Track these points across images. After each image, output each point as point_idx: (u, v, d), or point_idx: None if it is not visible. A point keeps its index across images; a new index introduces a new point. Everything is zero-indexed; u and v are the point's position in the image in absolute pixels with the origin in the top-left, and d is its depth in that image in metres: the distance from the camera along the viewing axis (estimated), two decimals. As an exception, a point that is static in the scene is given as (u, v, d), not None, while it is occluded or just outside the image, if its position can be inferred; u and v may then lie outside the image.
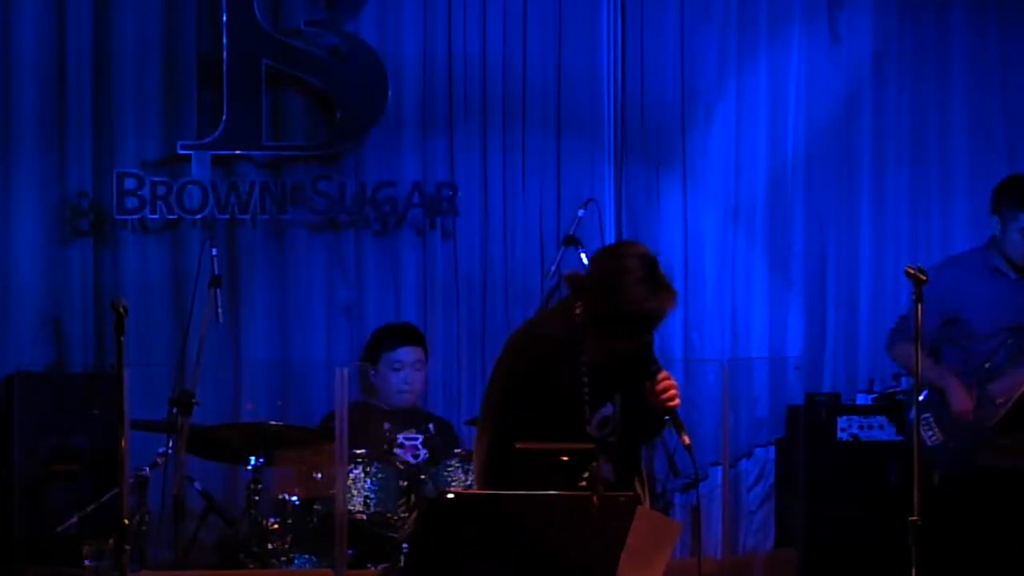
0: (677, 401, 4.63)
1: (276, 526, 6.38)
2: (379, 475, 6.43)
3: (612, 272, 4.57)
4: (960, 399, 6.40)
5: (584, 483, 4.46)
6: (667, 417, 4.67)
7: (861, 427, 7.24)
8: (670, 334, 7.79)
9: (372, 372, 7.06)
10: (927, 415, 6.45)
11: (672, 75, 7.90)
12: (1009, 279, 6.53)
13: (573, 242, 7.46)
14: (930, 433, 6.47)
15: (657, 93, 7.89)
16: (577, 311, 4.64)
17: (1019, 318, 6.48)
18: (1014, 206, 6.48)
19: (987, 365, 6.46)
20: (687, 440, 4.62)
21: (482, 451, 4.75)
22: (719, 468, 7.55)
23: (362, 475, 6.41)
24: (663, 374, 4.62)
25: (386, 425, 6.89)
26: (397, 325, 7.31)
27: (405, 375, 7.01)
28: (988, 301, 6.48)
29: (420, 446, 6.80)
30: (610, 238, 7.78)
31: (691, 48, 7.91)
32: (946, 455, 6.43)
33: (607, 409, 4.72)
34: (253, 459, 6.49)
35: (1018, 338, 6.47)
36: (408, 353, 7.04)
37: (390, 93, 7.70)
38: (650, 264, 4.56)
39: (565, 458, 4.73)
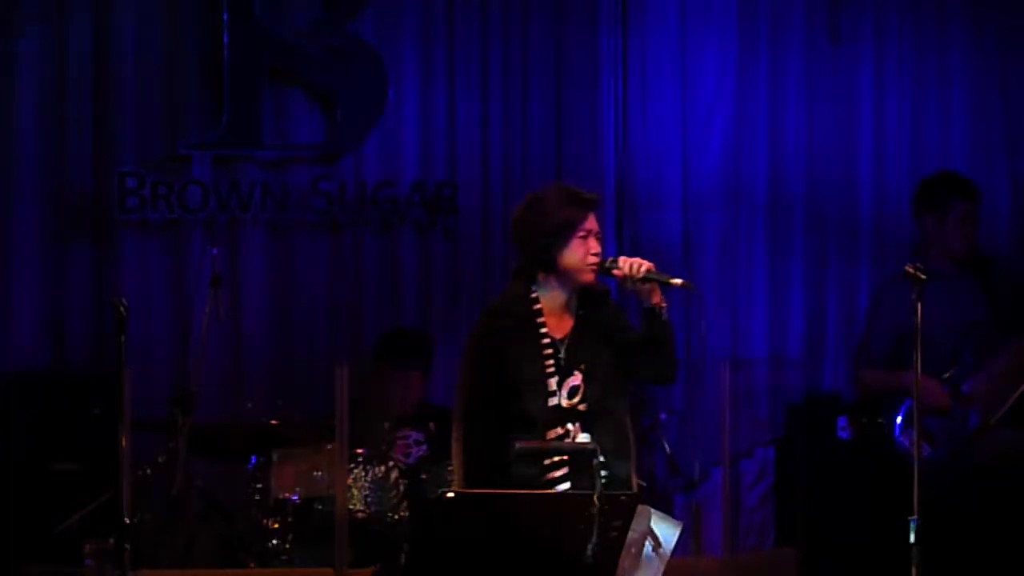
0: (646, 263, 4.82)
1: (276, 525, 6.38)
2: (379, 475, 6.43)
3: (532, 204, 4.93)
4: (934, 392, 6.36)
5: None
6: (648, 282, 4.82)
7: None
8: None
9: (374, 374, 7.01)
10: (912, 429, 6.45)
11: (672, 74, 7.90)
12: (950, 281, 6.51)
13: (573, 242, 7.45)
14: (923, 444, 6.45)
15: (658, 92, 7.89)
16: (521, 265, 4.94)
17: (968, 316, 6.47)
18: (949, 197, 6.52)
19: (947, 375, 6.42)
20: (679, 282, 4.83)
21: (457, 444, 4.84)
22: (719, 468, 7.55)
23: (362, 474, 6.41)
24: (621, 258, 4.84)
25: (386, 424, 6.89)
26: (404, 339, 7.19)
27: (395, 391, 6.94)
28: (933, 306, 6.45)
29: (412, 444, 6.79)
30: (610, 237, 7.78)
31: (691, 48, 7.91)
32: (941, 463, 6.41)
33: (575, 378, 4.82)
34: (253, 458, 6.49)
35: (976, 333, 6.46)
36: (400, 376, 6.97)
37: (390, 93, 7.71)
38: (564, 186, 4.97)
39: (566, 457, 4.75)
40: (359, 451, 6.44)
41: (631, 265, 4.81)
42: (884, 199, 7.96)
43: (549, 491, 4.63)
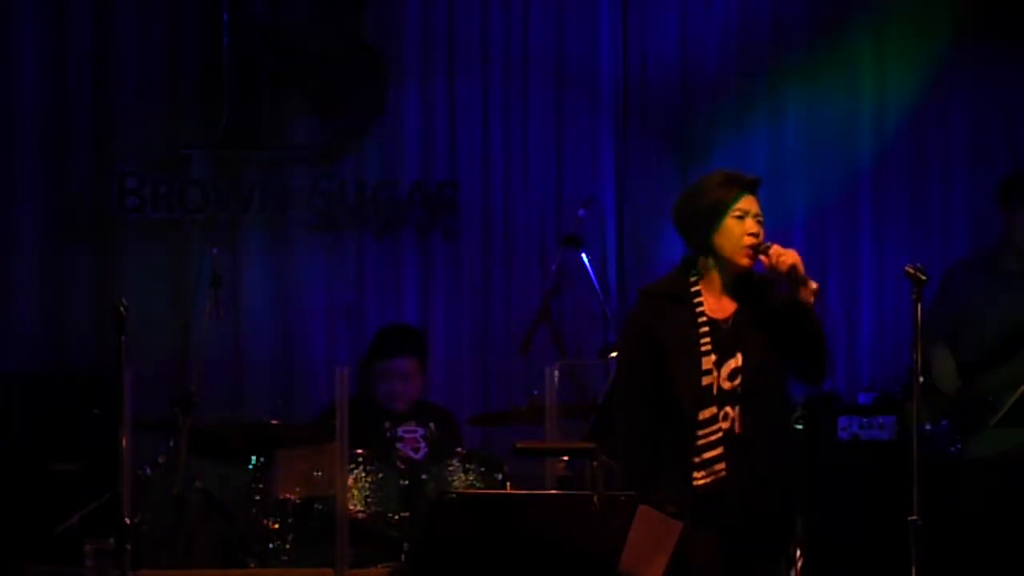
0: (792, 258, 4.74)
1: (276, 526, 6.37)
2: (379, 475, 6.43)
3: (688, 189, 4.99)
4: (940, 365, 6.42)
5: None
6: (789, 277, 4.75)
7: (861, 427, 7.23)
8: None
9: (365, 372, 7.02)
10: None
11: (673, 74, 7.90)
12: (1011, 276, 6.55)
13: (573, 241, 7.47)
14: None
15: (658, 92, 7.89)
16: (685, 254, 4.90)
17: (1019, 316, 6.50)
18: (1019, 194, 6.54)
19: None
20: (815, 286, 4.76)
21: (619, 426, 4.88)
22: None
23: (362, 475, 6.40)
24: (774, 246, 4.79)
25: (386, 424, 6.89)
26: (395, 331, 7.24)
27: (393, 386, 6.98)
28: (991, 298, 6.50)
29: (420, 439, 6.81)
30: (610, 238, 7.79)
31: (692, 46, 7.91)
32: (929, 441, 6.46)
33: (736, 360, 4.79)
34: (253, 459, 6.49)
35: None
36: (398, 364, 6.99)
37: (390, 93, 7.71)
38: (721, 169, 4.98)
39: (565, 458, 4.76)
40: (359, 451, 6.43)
41: (778, 256, 4.77)
42: (884, 199, 7.96)
43: (549, 491, 4.63)
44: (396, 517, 6.37)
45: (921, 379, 6.33)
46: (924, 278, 5.18)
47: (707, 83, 7.93)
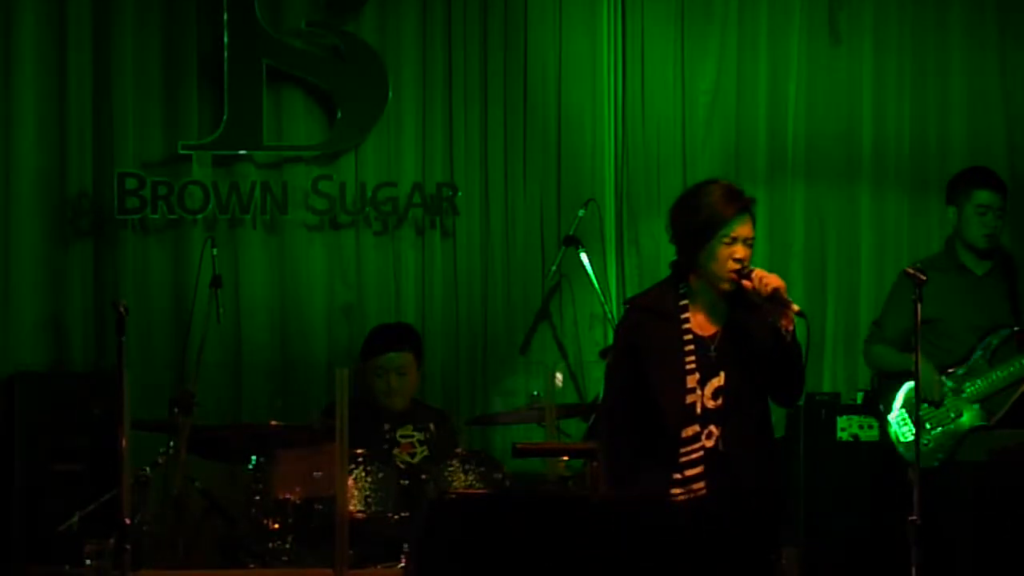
0: (774, 282, 4.72)
1: (276, 526, 6.37)
2: (379, 475, 6.43)
3: (684, 198, 4.91)
4: (929, 382, 6.41)
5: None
6: (771, 302, 4.73)
7: (861, 427, 7.23)
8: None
9: (361, 373, 7.01)
10: (902, 409, 6.49)
11: (672, 74, 7.89)
12: (975, 276, 6.55)
13: (573, 242, 7.47)
14: (904, 429, 6.50)
15: (657, 92, 7.89)
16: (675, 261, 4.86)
17: (988, 318, 6.50)
18: (967, 186, 6.58)
19: (960, 372, 6.47)
20: (796, 308, 4.74)
21: (602, 437, 4.88)
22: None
23: (362, 475, 6.40)
24: (756, 270, 4.77)
25: (386, 426, 6.89)
26: (388, 328, 7.24)
27: (389, 381, 6.96)
28: (958, 300, 6.50)
29: (416, 444, 6.81)
30: (610, 238, 7.78)
31: (691, 48, 7.90)
32: (919, 450, 6.46)
33: (720, 379, 4.79)
34: (253, 459, 6.49)
35: (992, 338, 6.48)
36: (390, 360, 6.98)
37: (390, 93, 7.71)
38: (721, 183, 4.94)
39: (566, 458, 4.77)
40: (359, 451, 6.43)
41: (760, 280, 4.75)
42: (884, 199, 7.95)
43: (550, 492, 4.64)
44: (396, 517, 6.37)
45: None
46: (924, 279, 5.18)
47: (704, 85, 7.94)
